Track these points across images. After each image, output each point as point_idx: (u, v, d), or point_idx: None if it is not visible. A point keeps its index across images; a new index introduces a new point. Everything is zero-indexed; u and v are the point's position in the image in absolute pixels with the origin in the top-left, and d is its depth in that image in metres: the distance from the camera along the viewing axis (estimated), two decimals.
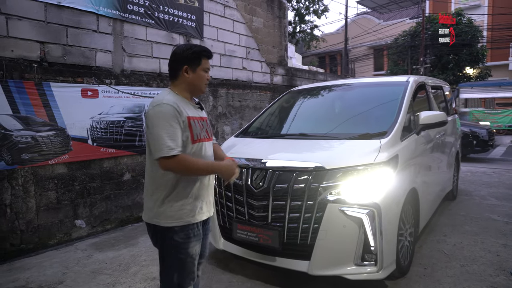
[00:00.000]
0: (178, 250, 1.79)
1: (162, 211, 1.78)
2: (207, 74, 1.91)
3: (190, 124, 1.78)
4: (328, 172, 2.55)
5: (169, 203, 1.78)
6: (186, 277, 1.84)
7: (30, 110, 3.87)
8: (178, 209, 1.78)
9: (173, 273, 1.83)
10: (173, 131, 1.69)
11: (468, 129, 9.48)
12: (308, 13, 22.58)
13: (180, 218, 1.78)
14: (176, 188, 1.78)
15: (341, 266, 2.51)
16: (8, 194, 3.71)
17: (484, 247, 3.52)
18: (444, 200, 4.96)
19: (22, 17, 3.84)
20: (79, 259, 3.53)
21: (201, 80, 1.87)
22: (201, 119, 1.91)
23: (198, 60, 1.84)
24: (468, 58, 18.43)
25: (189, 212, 1.80)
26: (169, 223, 1.77)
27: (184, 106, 1.80)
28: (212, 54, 1.95)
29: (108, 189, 4.62)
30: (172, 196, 1.78)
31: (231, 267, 3.19)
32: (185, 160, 1.69)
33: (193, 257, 1.84)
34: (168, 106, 1.71)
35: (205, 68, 1.88)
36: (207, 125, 1.97)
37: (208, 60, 1.90)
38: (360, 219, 2.43)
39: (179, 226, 1.77)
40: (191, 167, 1.72)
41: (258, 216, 2.72)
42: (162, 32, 5.31)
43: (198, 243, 1.86)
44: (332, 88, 4.10)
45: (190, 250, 1.81)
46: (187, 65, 1.83)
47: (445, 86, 5.51)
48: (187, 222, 1.79)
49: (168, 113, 1.70)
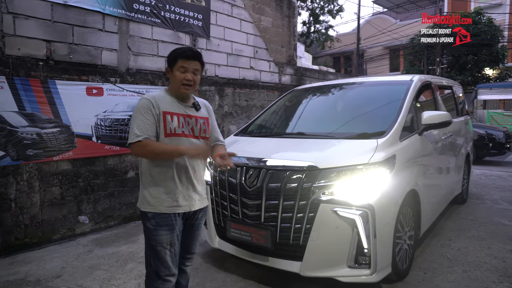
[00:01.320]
0: (150, 236, 1.92)
1: (142, 197, 1.95)
2: (186, 74, 1.91)
3: (165, 118, 1.89)
4: (322, 171, 2.50)
5: (147, 190, 1.93)
6: (160, 266, 1.92)
7: (35, 107, 3.95)
8: (154, 196, 1.90)
9: (149, 258, 1.96)
10: (143, 121, 1.84)
11: (483, 131, 9.20)
12: (323, 13, 22.43)
13: (153, 206, 1.90)
14: (152, 177, 1.92)
15: (333, 267, 2.45)
16: (13, 189, 3.79)
17: (490, 253, 3.39)
18: (453, 204, 4.82)
19: (29, 16, 3.92)
20: (79, 254, 3.58)
21: (176, 80, 1.92)
22: (188, 117, 1.98)
23: (174, 61, 1.93)
24: (487, 59, 17.88)
25: (162, 201, 1.90)
26: (144, 208, 1.93)
27: (166, 102, 1.93)
28: (190, 54, 1.94)
29: (112, 186, 4.67)
30: (150, 184, 1.92)
31: (226, 266, 3.17)
32: (148, 144, 1.82)
33: (164, 246, 1.90)
34: (144, 100, 1.90)
35: (180, 68, 1.91)
36: (197, 124, 2.01)
37: (186, 60, 1.91)
38: (353, 220, 2.37)
39: (152, 212, 1.90)
40: (153, 150, 1.84)
41: (251, 215, 2.69)
42: (168, 31, 5.34)
43: (169, 233, 1.91)
44: (335, 87, 4.03)
45: (159, 238, 1.89)
46: (168, 67, 1.99)
47: (456, 86, 5.35)
48: (158, 211, 1.89)
49: (142, 105, 1.88)
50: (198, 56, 1.96)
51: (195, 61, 1.94)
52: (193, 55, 1.95)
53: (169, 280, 1.94)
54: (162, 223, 1.89)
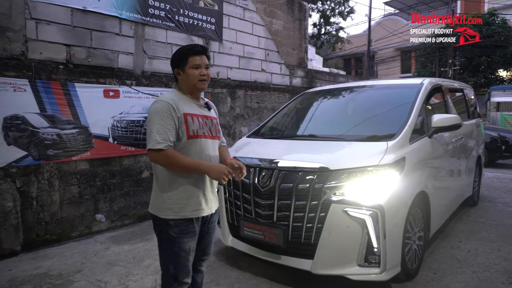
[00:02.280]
0: (173, 243, 1.86)
1: (160, 203, 1.88)
2: (200, 70, 1.90)
3: (187, 120, 1.85)
4: (333, 173, 2.57)
5: (166, 195, 1.86)
6: (180, 271, 1.90)
7: (56, 109, 4.11)
8: (175, 202, 1.85)
9: (169, 264, 1.91)
10: (163, 126, 1.78)
11: (496, 133, 9.13)
12: (333, 14, 22.44)
13: (176, 212, 1.84)
14: (171, 182, 1.86)
15: (344, 266, 2.53)
16: (35, 187, 3.96)
17: (500, 255, 3.42)
18: (464, 206, 4.83)
19: (50, 22, 4.08)
20: (97, 251, 3.71)
21: (191, 78, 1.89)
22: (205, 118, 1.97)
23: (185, 60, 1.90)
24: (501, 60, 17.64)
25: (185, 206, 1.85)
26: (165, 215, 1.85)
27: (184, 103, 1.89)
28: (199, 49, 1.94)
29: (127, 186, 4.81)
30: (168, 189, 1.86)
31: (239, 264, 3.27)
32: (170, 156, 1.77)
33: (187, 252, 1.89)
34: (163, 103, 1.82)
35: (193, 65, 1.89)
36: (212, 124, 2.01)
37: (196, 56, 1.90)
38: (363, 220, 2.44)
39: (174, 219, 1.84)
40: (176, 163, 1.79)
41: (264, 215, 2.78)
42: (182, 35, 5.48)
43: (192, 239, 1.90)
44: (345, 90, 4.10)
45: (183, 246, 1.87)
46: (177, 67, 1.94)
47: (468, 89, 5.36)
48: (182, 217, 1.85)
49: (162, 109, 1.80)
50: (206, 50, 1.98)
51: (204, 55, 1.94)
52: (202, 49, 1.95)
53: (186, 282, 1.95)
54: (185, 231, 1.86)
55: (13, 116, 3.79)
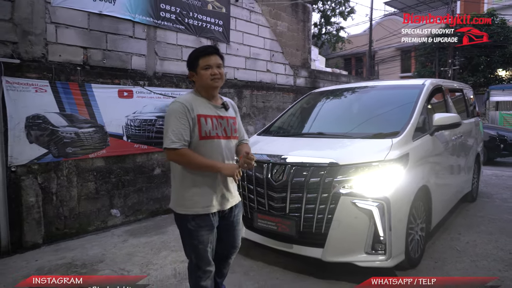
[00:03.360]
0: (191, 236, 2.00)
1: (178, 199, 2.02)
2: (211, 70, 1.97)
3: (200, 121, 1.94)
4: (342, 167, 2.78)
5: (181, 192, 2.00)
6: (201, 260, 2.04)
7: (74, 109, 4.31)
8: (188, 199, 1.98)
9: (191, 255, 2.08)
10: (178, 126, 1.89)
11: (495, 132, 9.33)
12: (334, 14, 22.61)
13: (191, 208, 1.97)
14: (183, 179, 1.98)
15: (352, 254, 2.73)
16: (55, 183, 4.16)
17: (497, 245, 3.62)
18: (463, 202, 5.03)
19: (69, 25, 4.28)
20: (115, 243, 3.92)
21: (203, 78, 1.97)
22: (220, 118, 2.05)
23: (196, 62, 1.99)
24: (500, 60, 17.85)
25: (197, 203, 1.97)
26: (182, 210, 2.00)
27: (199, 105, 1.98)
28: (211, 50, 2.02)
29: (140, 182, 5.01)
30: (184, 187, 1.99)
31: (251, 255, 3.47)
32: (184, 155, 1.88)
33: (205, 244, 2.01)
34: (179, 104, 1.93)
35: (204, 66, 1.97)
36: (228, 124, 2.08)
37: (207, 57, 1.98)
38: (371, 211, 2.64)
39: (191, 215, 1.97)
40: (190, 162, 1.91)
41: (277, 207, 2.98)
42: (191, 37, 5.67)
43: (210, 233, 2.01)
44: (350, 90, 4.30)
45: (201, 238, 1.99)
46: (191, 70, 2.05)
47: (467, 89, 5.56)
48: (196, 212, 1.97)
49: (177, 109, 1.91)
50: (217, 50, 2.04)
51: (215, 55, 2.00)
52: (213, 50, 2.02)
53: (209, 270, 2.07)
54: (203, 224, 1.97)
55: (34, 116, 3.99)
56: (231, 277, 3.00)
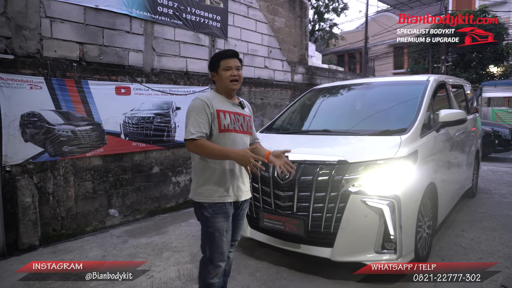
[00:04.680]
0: (207, 223, 2.10)
1: (196, 189, 2.14)
2: (231, 71, 2.13)
3: (219, 116, 2.09)
4: (351, 165, 2.72)
5: (199, 182, 2.12)
6: (215, 251, 2.11)
7: (70, 106, 4.18)
8: (207, 188, 2.09)
9: (205, 246, 2.15)
10: (197, 120, 2.02)
11: (490, 128, 9.40)
12: (327, 11, 22.56)
13: (208, 196, 2.09)
14: (205, 171, 2.11)
15: (362, 253, 2.68)
16: (51, 183, 4.03)
17: (502, 242, 3.62)
18: (463, 198, 5.03)
19: (64, 20, 4.15)
20: (115, 244, 3.82)
21: (224, 79, 2.13)
22: (238, 114, 2.19)
23: (217, 64, 2.16)
24: (492, 56, 18.01)
25: (214, 192, 2.09)
26: (200, 199, 2.11)
27: (218, 101, 2.13)
28: (230, 53, 2.17)
29: (138, 181, 4.91)
30: (203, 178, 2.11)
31: (256, 255, 3.41)
32: (201, 144, 1.98)
33: (221, 232, 2.10)
34: (199, 100, 2.08)
35: (224, 68, 2.13)
36: (244, 120, 2.22)
37: (227, 59, 2.14)
38: (381, 209, 2.60)
39: (207, 203, 2.08)
40: (206, 151, 2.00)
41: (284, 206, 2.92)
42: (189, 32, 5.56)
43: (225, 220, 2.11)
44: (353, 87, 4.25)
45: (217, 225, 2.09)
46: (212, 71, 2.20)
47: (466, 85, 5.55)
48: (212, 201, 2.08)
49: (197, 105, 2.06)
50: (237, 54, 2.20)
51: (235, 58, 2.17)
52: (233, 53, 2.18)
53: (220, 265, 2.14)
54: (219, 211, 2.08)
55: (30, 113, 3.86)
56: (237, 278, 2.95)
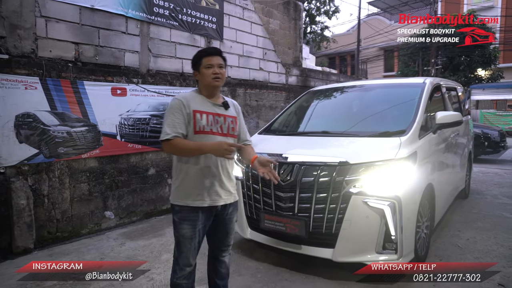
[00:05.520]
0: (175, 227, 2.09)
1: (172, 191, 2.11)
2: (213, 69, 2.04)
3: (195, 116, 2.01)
4: (352, 166, 2.74)
5: (175, 184, 2.08)
6: (180, 255, 2.07)
7: (65, 107, 4.13)
8: (180, 191, 2.05)
9: (175, 247, 2.12)
10: (173, 120, 1.98)
11: (479, 130, 9.56)
12: (319, 14, 22.72)
13: (181, 199, 2.04)
14: (180, 174, 2.06)
15: (363, 253, 2.70)
16: (46, 185, 3.97)
17: (496, 242, 3.68)
18: (457, 199, 5.11)
19: (59, 20, 4.09)
20: (112, 246, 3.77)
21: (205, 77, 2.06)
22: (218, 115, 2.09)
23: (199, 61, 2.09)
24: (480, 60, 18.34)
25: (187, 195, 2.02)
26: (173, 201, 2.08)
27: (197, 102, 2.06)
28: (212, 51, 2.11)
29: (134, 183, 4.86)
30: (178, 180, 2.07)
31: (256, 256, 3.40)
32: (175, 143, 1.94)
33: (186, 238, 2.04)
34: (176, 100, 2.04)
35: (206, 65, 2.05)
36: (225, 122, 2.11)
37: (209, 57, 2.06)
38: (382, 210, 2.62)
39: (179, 206, 2.04)
40: (181, 149, 1.96)
41: (285, 207, 2.92)
42: (185, 33, 5.54)
43: (190, 228, 2.03)
44: (350, 89, 4.28)
45: (182, 232, 2.04)
46: (194, 69, 2.14)
47: (459, 88, 5.65)
48: (185, 204, 2.02)
49: (174, 105, 2.01)
50: (219, 51, 2.12)
51: (217, 56, 2.09)
52: (215, 51, 2.11)
53: (185, 269, 2.08)
54: (185, 218, 2.02)
55: (24, 114, 3.80)
56: (239, 279, 2.94)
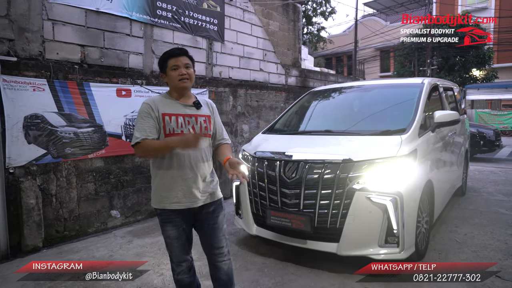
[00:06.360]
0: (161, 228, 2.15)
1: (152, 194, 2.12)
2: (179, 70, 2.01)
3: (164, 119, 2.00)
4: (355, 164, 2.86)
5: (153, 188, 2.10)
6: (171, 253, 2.17)
7: (72, 108, 4.21)
8: (157, 195, 2.07)
9: (166, 247, 2.21)
10: (142, 124, 1.97)
11: (475, 129, 9.73)
12: (315, 15, 22.88)
13: (159, 202, 2.07)
14: (156, 177, 2.08)
15: (366, 247, 2.81)
16: (54, 185, 4.05)
17: (493, 236, 3.81)
18: (454, 196, 5.24)
19: (66, 23, 4.18)
20: (121, 244, 3.86)
21: (172, 79, 2.04)
22: (189, 116, 2.07)
23: (165, 64, 2.06)
24: (474, 60, 18.62)
25: (164, 199, 2.03)
26: (153, 204, 2.12)
27: (165, 104, 2.04)
28: (177, 51, 2.06)
29: (139, 182, 4.94)
30: (155, 184, 2.09)
31: (262, 252, 3.50)
32: (144, 146, 1.93)
33: (171, 239, 2.10)
34: (144, 104, 2.03)
35: (172, 67, 2.02)
36: (197, 122, 2.08)
37: (174, 58, 2.03)
38: (385, 205, 2.73)
39: (159, 209, 2.08)
40: (149, 150, 1.95)
41: (290, 204, 3.03)
42: (187, 35, 5.64)
43: (173, 229, 2.07)
44: (351, 89, 4.40)
45: (167, 233, 2.10)
46: (162, 72, 2.11)
47: (455, 88, 5.79)
48: (163, 207, 2.05)
49: (142, 110, 2.02)
50: (185, 51, 2.08)
51: (183, 56, 2.05)
52: (180, 52, 2.06)
53: (180, 265, 2.17)
54: (167, 220, 2.07)
55: (33, 115, 3.88)
56: (246, 274, 3.04)
